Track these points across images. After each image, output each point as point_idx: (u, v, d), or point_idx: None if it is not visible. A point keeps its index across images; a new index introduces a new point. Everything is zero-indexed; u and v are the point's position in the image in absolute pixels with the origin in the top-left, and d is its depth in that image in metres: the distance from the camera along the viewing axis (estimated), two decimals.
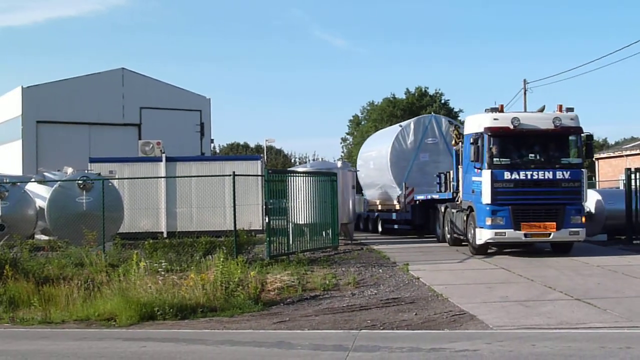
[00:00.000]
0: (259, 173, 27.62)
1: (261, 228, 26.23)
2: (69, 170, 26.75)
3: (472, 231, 21.62)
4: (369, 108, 79.39)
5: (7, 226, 22.84)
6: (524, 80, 50.59)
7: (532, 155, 21.41)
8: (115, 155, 30.73)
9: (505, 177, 20.59)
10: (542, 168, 20.86)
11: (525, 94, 49.60)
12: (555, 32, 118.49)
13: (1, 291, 15.54)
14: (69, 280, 16.49)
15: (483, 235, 20.89)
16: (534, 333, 11.80)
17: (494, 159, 20.74)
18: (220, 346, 11.41)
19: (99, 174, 25.50)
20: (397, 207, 30.71)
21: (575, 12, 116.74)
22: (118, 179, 25.97)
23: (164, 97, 43.65)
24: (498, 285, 16.71)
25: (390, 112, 73.65)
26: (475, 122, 22.10)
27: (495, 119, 20.87)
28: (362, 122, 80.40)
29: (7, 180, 25.46)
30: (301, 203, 23.29)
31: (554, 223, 20.50)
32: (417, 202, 29.00)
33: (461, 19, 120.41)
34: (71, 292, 15.39)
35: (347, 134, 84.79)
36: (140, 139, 37.42)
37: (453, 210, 24.12)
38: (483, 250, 21.62)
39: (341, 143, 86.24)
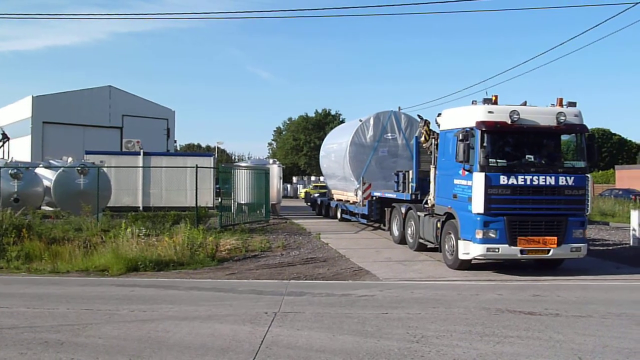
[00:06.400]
0: (212, 166, 27.36)
1: (212, 205, 26.03)
2: (69, 159, 25.71)
3: (453, 242, 13.70)
4: (288, 122, 79.35)
5: (21, 199, 21.86)
6: (399, 107, 49.49)
7: (531, 156, 13.14)
8: (103, 150, 29.94)
9: (502, 182, 12.64)
10: (543, 172, 12.85)
11: None
12: (426, 55, 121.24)
13: (19, 248, 14.77)
14: (71, 240, 15.82)
15: (471, 250, 12.95)
16: (411, 283, 11.97)
17: (490, 160, 12.81)
18: (189, 291, 11.17)
19: (93, 163, 24.69)
20: (355, 199, 23.11)
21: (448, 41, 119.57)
22: (107, 166, 25.13)
23: (140, 107, 43.18)
24: (383, 250, 16.82)
25: (304, 126, 73.77)
26: (462, 116, 13.81)
27: (490, 112, 12.96)
28: (283, 132, 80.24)
29: (22, 165, 24.56)
30: (243, 188, 23.09)
31: (555, 238, 12.77)
32: (374, 198, 21.28)
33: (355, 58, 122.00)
34: (73, 249, 14.76)
35: (272, 140, 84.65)
36: (122, 138, 36.57)
37: (420, 214, 16.08)
38: (466, 265, 13.53)
39: (268, 147, 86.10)
